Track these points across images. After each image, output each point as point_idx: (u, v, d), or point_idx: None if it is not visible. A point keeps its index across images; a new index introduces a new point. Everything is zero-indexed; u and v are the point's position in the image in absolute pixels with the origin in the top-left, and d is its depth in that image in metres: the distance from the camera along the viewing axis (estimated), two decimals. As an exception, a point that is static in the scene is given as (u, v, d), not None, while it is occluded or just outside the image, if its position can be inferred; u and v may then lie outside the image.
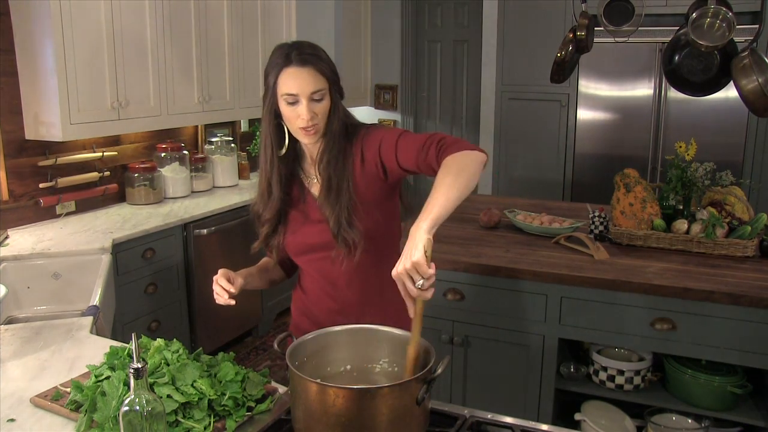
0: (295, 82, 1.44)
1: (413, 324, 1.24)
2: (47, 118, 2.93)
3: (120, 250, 2.93)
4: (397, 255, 1.59)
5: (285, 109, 1.48)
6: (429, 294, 1.20)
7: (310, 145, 1.56)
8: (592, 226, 2.66)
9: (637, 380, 2.35)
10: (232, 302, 1.50)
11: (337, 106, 1.52)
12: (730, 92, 2.80)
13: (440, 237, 2.66)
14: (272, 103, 1.50)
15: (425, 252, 1.19)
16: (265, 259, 1.74)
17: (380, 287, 1.59)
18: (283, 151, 1.55)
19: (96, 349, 1.73)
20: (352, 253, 1.51)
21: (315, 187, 1.59)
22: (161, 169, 3.69)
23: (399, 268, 1.20)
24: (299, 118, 1.46)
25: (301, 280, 1.70)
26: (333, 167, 1.51)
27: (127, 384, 1.31)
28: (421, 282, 1.18)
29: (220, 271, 1.53)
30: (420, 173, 1.49)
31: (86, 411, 1.31)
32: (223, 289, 1.49)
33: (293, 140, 1.55)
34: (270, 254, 1.71)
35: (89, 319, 1.97)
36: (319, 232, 1.55)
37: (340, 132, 1.53)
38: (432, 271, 1.19)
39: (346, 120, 1.56)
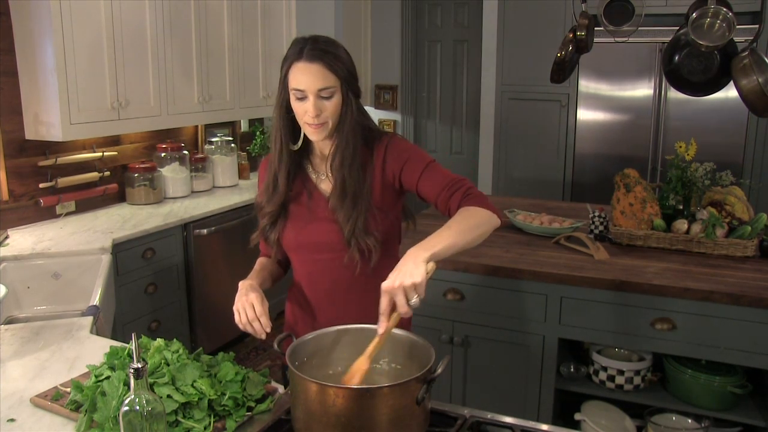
0: (303, 77, 1.44)
1: (379, 339, 1.25)
2: (47, 118, 2.93)
3: (120, 250, 2.93)
4: (395, 259, 1.59)
5: (294, 104, 1.47)
6: (410, 313, 1.23)
7: (321, 142, 1.55)
8: (592, 226, 2.66)
9: (637, 380, 2.35)
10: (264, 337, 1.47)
11: (350, 105, 1.50)
12: (730, 92, 2.80)
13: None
14: (284, 96, 1.50)
15: (428, 276, 1.23)
16: (261, 259, 1.72)
17: (379, 288, 1.59)
18: (297, 146, 1.55)
19: (96, 349, 1.73)
20: (367, 259, 1.50)
21: (324, 184, 1.58)
22: (161, 169, 3.69)
23: (395, 284, 1.21)
24: (306, 114, 1.46)
25: (299, 281, 1.67)
26: (348, 169, 1.50)
27: (127, 384, 1.31)
28: (415, 301, 1.21)
29: (257, 299, 1.46)
30: (432, 205, 1.52)
31: (86, 411, 1.31)
32: (262, 329, 1.45)
33: (304, 134, 1.54)
34: (269, 250, 1.68)
35: (89, 319, 1.97)
36: (326, 231, 1.54)
37: (355, 132, 1.51)
38: (424, 295, 1.23)
39: (363, 121, 1.54)
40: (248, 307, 1.45)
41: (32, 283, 2.60)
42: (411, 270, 1.22)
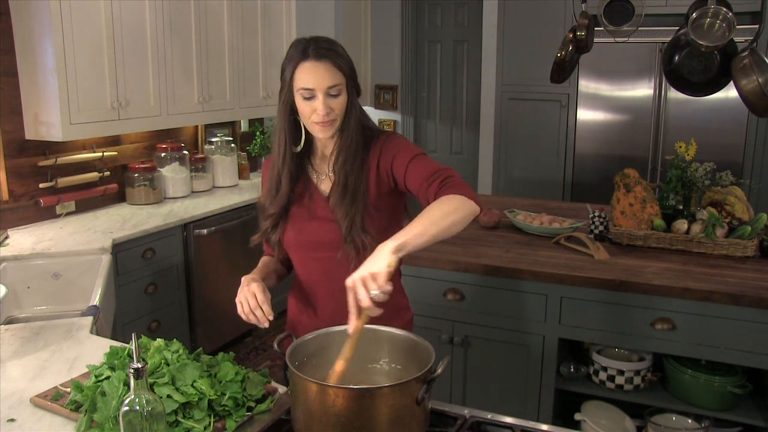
0: (311, 76, 1.44)
1: (350, 340, 1.22)
2: (47, 118, 2.93)
3: (120, 250, 2.93)
4: None
5: (301, 103, 1.47)
6: (378, 311, 1.19)
7: (324, 141, 1.56)
8: (592, 226, 2.66)
9: (637, 380, 2.35)
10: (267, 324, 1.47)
11: (354, 103, 1.51)
12: (730, 92, 2.80)
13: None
14: (288, 98, 1.49)
15: (388, 268, 1.19)
16: (265, 258, 1.73)
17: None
18: (299, 148, 1.55)
19: (96, 349, 1.73)
20: (362, 256, 1.50)
21: (324, 184, 1.58)
22: (161, 169, 3.69)
23: (355, 276, 1.19)
24: (315, 113, 1.46)
25: (300, 279, 1.68)
26: (350, 166, 1.50)
27: (127, 384, 1.31)
28: (376, 292, 1.17)
29: (258, 289, 1.47)
30: (417, 198, 1.50)
31: (86, 411, 1.31)
32: (264, 317, 1.44)
33: (308, 136, 1.54)
34: (271, 250, 1.69)
35: (89, 319, 1.97)
36: (325, 230, 1.54)
37: (357, 130, 1.52)
38: (389, 288, 1.18)
39: (363, 120, 1.55)
40: (250, 297, 1.46)
41: (32, 283, 2.60)
42: (372, 262, 1.21)
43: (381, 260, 1.21)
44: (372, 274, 1.18)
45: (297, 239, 1.59)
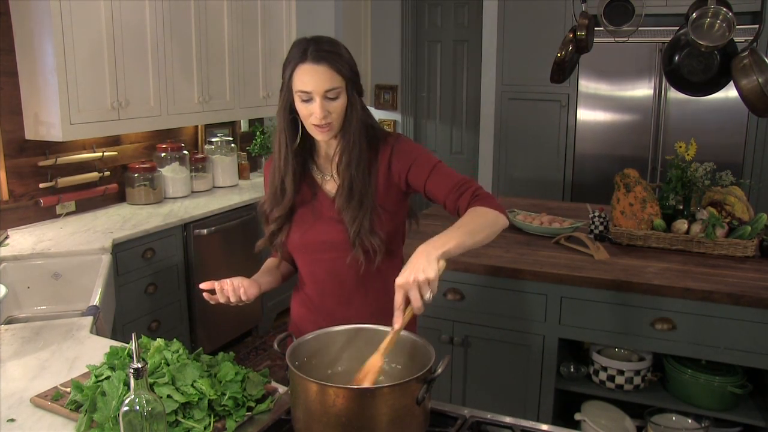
0: (309, 79, 1.43)
1: (392, 334, 1.25)
2: (47, 118, 2.93)
3: (120, 250, 2.92)
4: (398, 258, 1.59)
5: (299, 105, 1.46)
6: (422, 311, 1.24)
7: (326, 141, 1.55)
8: (592, 226, 2.66)
9: (637, 380, 2.35)
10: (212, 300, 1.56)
11: (355, 105, 1.50)
12: (730, 92, 2.80)
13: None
14: (287, 98, 1.48)
15: (439, 272, 1.24)
16: (269, 260, 1.73)
17: (384, 289, 1.59)
18: (296, 143, 1.53)
19: (96, 349, 1.73)
20: (371, 259, 1.50)
21: (329, 184, 1.57)
22: (161, 169, 3.69)
23: (410, 279, 1.22)
24: (313, 116, 1.45)
25: (304, 280, 1.68)
26: (355, 169, 1.49)
27: (127, 384, 1.31)
28: (429, 297, 1.21)
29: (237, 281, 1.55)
30: (439, 205, 1.54)
31: (86, 411, 1.31)
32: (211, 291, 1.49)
33: (307, 135, 1.53)
34: (275, 253, 1.69)
35: (89, 319, 1.97)
36: (332, 231, 1.53)
37: (360, 131, 1.51)
38: (435, 292, 1.24)
39: (367, 120, 1.54)
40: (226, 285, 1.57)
41: (32, 283, 2.60)
42: (424, 266, 1.22)
43: (432, 265, 1.23)
44: (427, 279, 1.21)
45: (302, 240, 1.58)
